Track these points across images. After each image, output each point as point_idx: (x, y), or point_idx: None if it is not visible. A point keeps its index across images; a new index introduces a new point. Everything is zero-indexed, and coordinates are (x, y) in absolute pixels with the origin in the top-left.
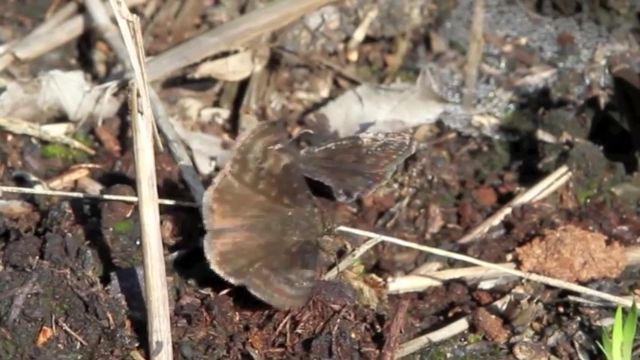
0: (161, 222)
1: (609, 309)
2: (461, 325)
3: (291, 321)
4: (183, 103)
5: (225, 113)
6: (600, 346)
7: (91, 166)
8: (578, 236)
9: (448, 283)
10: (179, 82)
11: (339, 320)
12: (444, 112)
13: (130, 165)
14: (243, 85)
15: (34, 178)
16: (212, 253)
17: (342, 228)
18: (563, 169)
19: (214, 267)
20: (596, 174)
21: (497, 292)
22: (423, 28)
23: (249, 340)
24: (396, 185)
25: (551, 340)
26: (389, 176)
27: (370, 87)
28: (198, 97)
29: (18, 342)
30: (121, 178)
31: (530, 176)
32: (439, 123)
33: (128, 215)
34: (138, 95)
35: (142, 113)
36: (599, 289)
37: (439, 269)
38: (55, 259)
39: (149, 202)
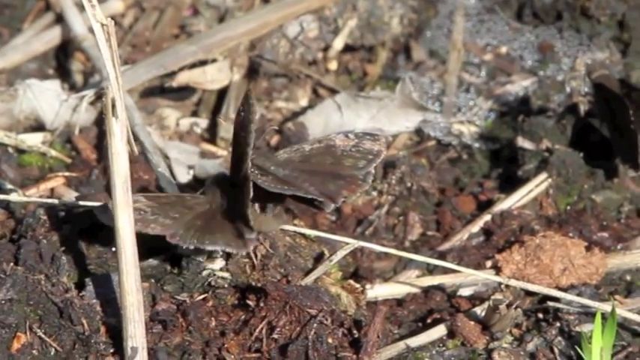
0: None
1: (589, 315)
2: (439, 330)
3: (267, 326)
4: (161, 113)
5: (203, 122)
6: (580, 351)
7: (67, 174)
8: (558, 242)
9: (427, 290)
10: (157, 91)
11: (315, 325)
12: (424, 121)
13: (106, 173)
14: (222, 94)
15: (9, 186)
16: None
17: (320, 234)
18: (543, 175)
19: None
20: (576, 181)
21: (476, 299)
22: (402, 37)
23: (225, 346)
24: (375, 193)
25: (530, 346)
26: (370, 180)
27: (349, 95)
28: (177, 106)
29: None
30: (97, 187)
31: (510, 184)
32: (419, 131)
33: None
34: (113, 100)
35: (116, 117)
36: (578, 295)
37: (418, 276)
38: (29, 266)
39: (124, 206)
